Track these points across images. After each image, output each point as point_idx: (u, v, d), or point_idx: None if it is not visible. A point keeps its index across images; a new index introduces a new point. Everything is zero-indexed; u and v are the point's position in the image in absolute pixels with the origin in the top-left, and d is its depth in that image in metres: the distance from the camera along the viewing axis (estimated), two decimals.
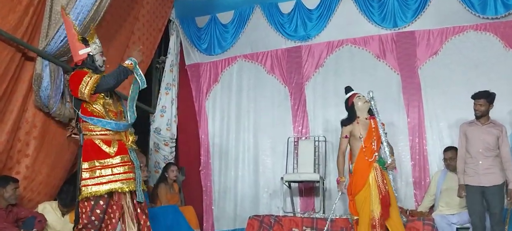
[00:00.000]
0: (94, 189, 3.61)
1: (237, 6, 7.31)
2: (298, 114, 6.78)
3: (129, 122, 3.92)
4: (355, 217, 4.87)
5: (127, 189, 3.71)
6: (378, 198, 4.51)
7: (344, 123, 4.85)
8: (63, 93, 5.01)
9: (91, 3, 4.88)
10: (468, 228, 5.13)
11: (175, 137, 7.32)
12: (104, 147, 3.72)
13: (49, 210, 4.82)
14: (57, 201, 4.95)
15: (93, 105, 3.74)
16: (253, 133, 6.99)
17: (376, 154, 4.67)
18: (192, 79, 7.50)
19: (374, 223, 4.47)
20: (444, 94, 6.18)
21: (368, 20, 6.59)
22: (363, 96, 4.85)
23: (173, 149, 7.25)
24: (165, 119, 7.22)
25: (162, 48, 7.60)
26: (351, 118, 4.83)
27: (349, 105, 4.90)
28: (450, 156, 5.49)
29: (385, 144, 4.74)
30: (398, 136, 6.24)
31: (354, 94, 4.90)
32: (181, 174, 6.82)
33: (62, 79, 5.00)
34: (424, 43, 6.35)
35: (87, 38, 3.90)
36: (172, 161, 6.96)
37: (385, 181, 4.60)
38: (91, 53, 3.84)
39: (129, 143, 3.82)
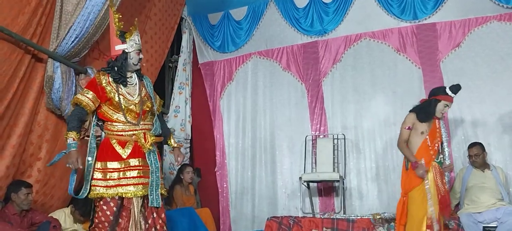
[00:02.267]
0: (102, 191, 3.60)
1: (250, 2, 7.24)
2: (315, 112, 6.68)
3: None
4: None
5: (132, 195, 3.64)
6: (437, 197, 4.37)
7: (421, 118, 4.57)
8: (75, 94, 4.98)
9: (101, 3, 4.84)
10: (495, 227, 5.00)
11: (190, 138, 7.29)
12: (118, 148, 3.68)
13: (63, 216, 4.80)
14: (69, 207, 4.93)
15: (108, 112, 3.73)
16: (270, 131, 6.91)
17: (442, 155, 4.62)
18: (206, 78, 7.45)
19: (431, 223, 4.30)
20: (468, 88, 5.97)
21: (386, 12, 6.47)
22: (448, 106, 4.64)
23: (188, 149, 7.22)
24: (179, 119, 7.18)
25: (175, 47, 7.58)
26: (429, 114, 4.58)
27: (432, 100, 4.61)
28: (475, 152, 5.35)
29: (445, 144, 4.65)
30: None
31: (450, 98, 4.62)
32: (196, 175, 6.78)
33: (74, 81, 4.98)
34: (446, 35, 6.21)
35: (125, 35, 3.80)
36: (187, 162, 6.92)
37: (444, 181, 4.47)
38: (126, 51, 3.77)
39: (147, 145, 3.75)
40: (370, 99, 6.43)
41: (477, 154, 5.32)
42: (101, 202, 3.60)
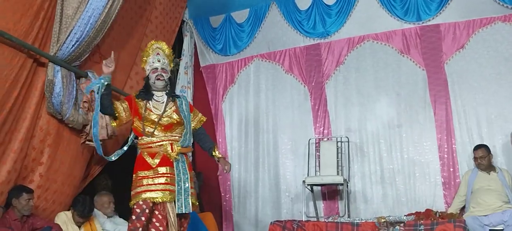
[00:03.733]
0: (136, 197, 3.94)
1: (252, 4, 7.23)
2: (319, 115, 6.66)
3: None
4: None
5: (160, 200, 3.92)
6: None
7: None
8: (76, 99, 5.00)
9: (102, 6, 4.87)
10: (501, 230, 5.00)
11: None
12: (148, 159, 4.02)
13: (65, 220, 4.81)
14: (71, 211, 4.93)
15: (139, 126, 4.12)
16: (273, 135, 6.89)
17: None
18: (208, 81, 7.45)
19: None
20: (472, 90, 6.03)
21: (390, 14, 6.47)
22: None
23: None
24: None
25: (176, 50, 7.56)
26: None
27: None
28: (480, 155, 5.36)
29: None
30: (425, 134, 6.13)
31: None
32: (198, 180, 6.77)
33: (75, 85, 4.99)
34: (450, 37, 6.20)
35: (143, 60, 4.29)
36: None
37: None
38: (146, 74, 4.23)
39: (173, 154, 4.03)
40: (374, 102, 6.42)
41: (483, 156, 5.33)
42: (137, 210, 3.90)
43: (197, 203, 4.33)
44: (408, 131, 6.24)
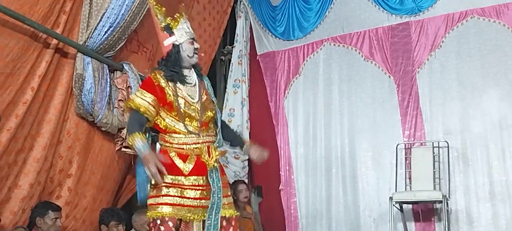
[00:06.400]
0: (157, 209, 3.62)
1: None
2: (408, 113, 6.58)
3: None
4: None
5: (193, 219, 3.69)
6: None
7: None
8: (110, 97, 5.05)
9: None
10: None
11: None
12: (178, 161, 3.69)
13: None
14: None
15: (166, 120, 3.72)
16: (349, 139, 6.86)
17: None
18: (266, 72, 7.48)
19: None
20: None
21: None
22: None
23: (246, 163, 7.22)
24: (234, 124, 7.15)
25: (228, 36, 7.62)
26: None
27: None
28: None
29: None
30: None
31: None
32: (256, 195, 6.76)
33: (108, 80, 5.04)
34: None
35: (170, 25, 3.83)
36: (244, 179, 6.89)
37: None
38: (177, 43, 3.80)
39: (211, 161, 3.74)
40: (481, 95, 6.28)
41: None
42: (158, 223, 3.61)
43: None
44: None
